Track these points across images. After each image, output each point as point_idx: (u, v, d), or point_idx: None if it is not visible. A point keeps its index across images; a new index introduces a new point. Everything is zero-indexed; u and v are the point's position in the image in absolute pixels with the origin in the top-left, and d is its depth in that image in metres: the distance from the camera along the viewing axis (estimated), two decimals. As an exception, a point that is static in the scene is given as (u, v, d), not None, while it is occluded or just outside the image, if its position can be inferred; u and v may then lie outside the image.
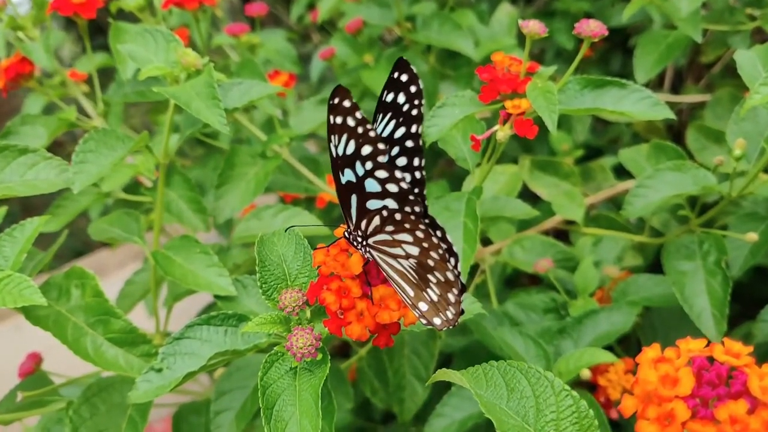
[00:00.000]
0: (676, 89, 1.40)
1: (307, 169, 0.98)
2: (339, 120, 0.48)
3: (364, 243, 0.51)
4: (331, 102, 0.48)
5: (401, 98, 0.52)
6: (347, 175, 0.49)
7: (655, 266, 0.91)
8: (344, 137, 0.48)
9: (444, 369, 0.49)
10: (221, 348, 0.57)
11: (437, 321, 0.50)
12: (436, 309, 0.50)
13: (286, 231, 0.58)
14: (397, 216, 0.48)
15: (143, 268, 0.94)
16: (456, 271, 0.50)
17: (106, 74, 1.23)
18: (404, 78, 0.52)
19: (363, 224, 0.50)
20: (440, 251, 0.48)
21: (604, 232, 0.96)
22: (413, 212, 0.49)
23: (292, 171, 1.00)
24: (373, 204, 0.50)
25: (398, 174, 0.48)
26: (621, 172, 1.10)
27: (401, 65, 0.52)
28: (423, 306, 0.50)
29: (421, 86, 0.52)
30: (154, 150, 0.73)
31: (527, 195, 1.11)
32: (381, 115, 0.52)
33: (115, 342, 0.65)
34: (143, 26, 0.75)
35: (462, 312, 0.51)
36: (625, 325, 0.81)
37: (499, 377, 0.49)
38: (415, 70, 0.52)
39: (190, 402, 0.87)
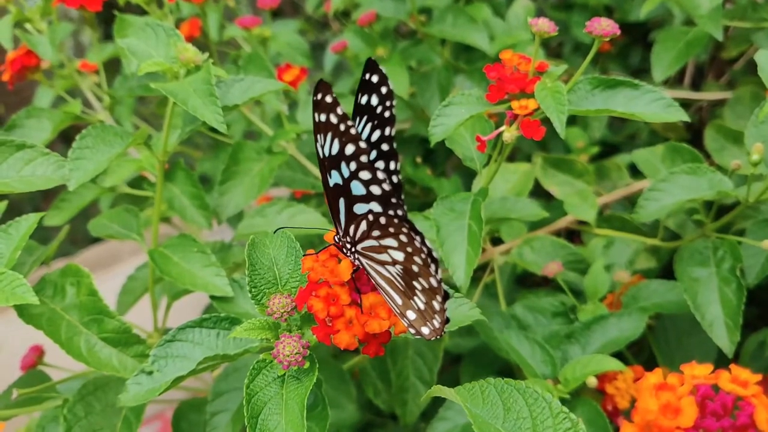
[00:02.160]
0: (696, 85, 1.36)
1: (314, 165, 0.96)
2: (323, 117, 0.46)
3: (353, 249, 0.50)
4: (314, 98, 0.46)
5: (374, 100, 0.51)
6: (334, 178, 0.48)
7: (668, 269, 0.88)
8: (329, 136, 0.47)
9: (439, 386, 0.47)
10: (212, 351, 0.56)
11: (425, 330, 0.49)
12: (423, 318, 0.49)
13: (275, 232, 0.57)
14: (382, 220, 0.47)
15: (146, 264, 0.93)
16: (438, 278, 0.48)
17: (117, 67, 1.22)
18: (375, 79, 0.50)
19: (351, 230, 0.49)
20: (422, 256, 0.47)
21: (617, 233, 0.94)
22: (396, 216, 0.48)
23: (300, 166, 0.98)
24: (359, 208, 0.48)
25: (380, 175, 0.47)
26: (637, 171, 1.07)
27: (371, 66, 0.50)
28: (411, 315, 0.49)
29: (392, 87, 0.51)
30: (154, 147, 0.72)
31: (541, 193, 1.09)
32: (358, 119, 0.51)
33: (109, 342, 0.64)
34: (146, 20, 0.74)
35: (447, 320, 0.50)
36: (635, 332, 0.79)
37: (495, 396, 0.48)
38: (384, 71, 0.50)
39: (190, 399, 0.86)
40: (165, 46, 0.69)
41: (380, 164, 0.52)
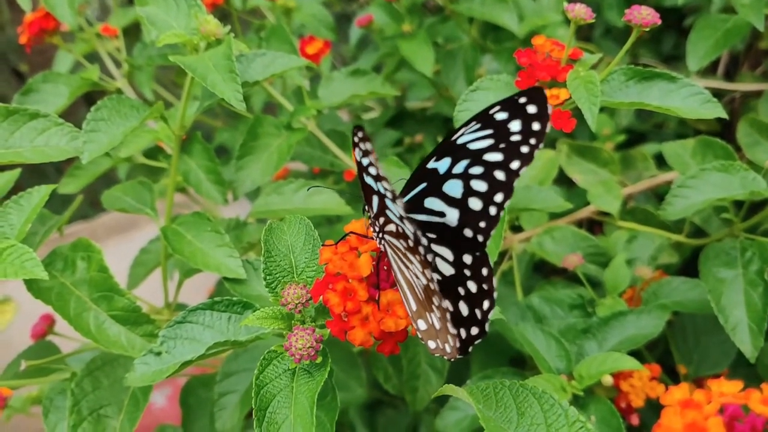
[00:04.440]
0: (730, 75, 1.32)
1: (333, 144, 0.94)
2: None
3: (381, 235, 0.47)
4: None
5: (515, 126, 0.46)
6: (369, 181, 0.45)
7: (690, 265, 0.86)
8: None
9: (450, 385, 0.46)
10: (223, 336, 0.55)
11: (432, 345, 0.47)
12: (435, 334, 0.46)
13: (294, 217, 0.55)
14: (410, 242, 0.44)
15: (159, 236, 0.92)
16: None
17: (139, 33, 1.20)
18: (532, 109, 0.45)
19: (381, 221, 0.46)
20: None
21: (640, 227, 0.91)
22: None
23: (319, 143, 0.96)
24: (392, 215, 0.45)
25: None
26: (663, 162, 1.04)
27: (535, 95, 0.45)
28: (422, 324, 0.46)
29: (547, 128, 0.45)
30: (171, 119, 0.70)
31: (563, 179, 1.06)
32: (476, 123, 0.46)
33: (118, 320, 0.63)
34: (167, -13, 0.72)
35: (473, 339, 0.48)
36: (654, 331, 0.77)
37: (510, 399, 0.46)
38: (549, 110, 0.45)
39: (199, 374, 0.85)
40: (186, 16, 0.67)
41: (481, 186, 0.47)
